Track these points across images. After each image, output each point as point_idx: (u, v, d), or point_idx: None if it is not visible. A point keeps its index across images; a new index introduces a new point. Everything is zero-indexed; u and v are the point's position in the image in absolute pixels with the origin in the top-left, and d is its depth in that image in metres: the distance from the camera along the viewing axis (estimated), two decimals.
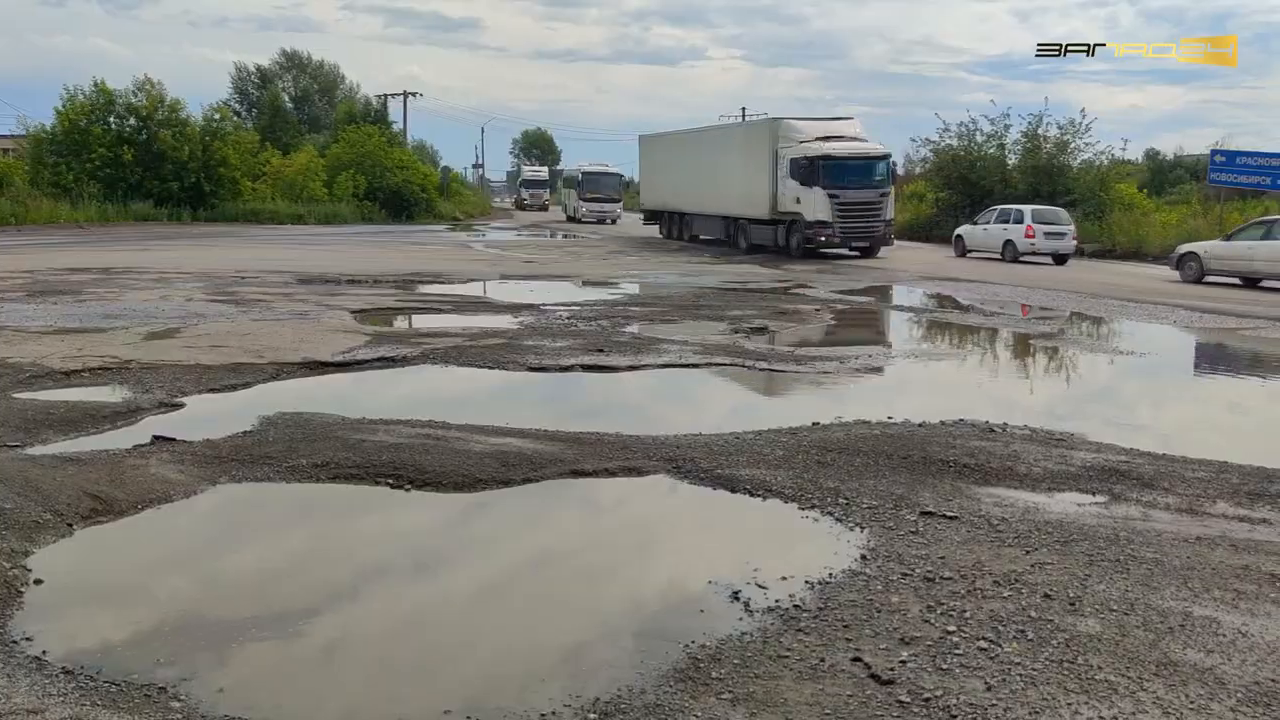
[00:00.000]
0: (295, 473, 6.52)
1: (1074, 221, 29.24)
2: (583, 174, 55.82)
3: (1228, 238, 23.33)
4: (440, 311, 15.37)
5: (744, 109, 63.48)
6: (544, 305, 15.78)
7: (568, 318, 14.24)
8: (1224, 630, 4.30)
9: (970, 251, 30.14)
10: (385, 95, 66.88)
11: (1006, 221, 28.68)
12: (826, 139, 28.07)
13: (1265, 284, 21.95)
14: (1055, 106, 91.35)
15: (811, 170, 27.24)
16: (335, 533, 5.91)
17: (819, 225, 27.40)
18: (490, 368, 10.40)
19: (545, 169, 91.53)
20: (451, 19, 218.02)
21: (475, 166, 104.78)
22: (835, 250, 28.64)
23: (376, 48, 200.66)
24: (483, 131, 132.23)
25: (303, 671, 4.16)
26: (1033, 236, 27.69)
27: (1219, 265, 22.55)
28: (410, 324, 14.40)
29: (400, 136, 62.07)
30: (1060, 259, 27.85)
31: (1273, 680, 3.85)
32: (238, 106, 70.06)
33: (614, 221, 53.54)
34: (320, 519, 6.15)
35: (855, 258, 28.33)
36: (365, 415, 7.93)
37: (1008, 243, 28.31)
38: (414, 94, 70.87)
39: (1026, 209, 28.92)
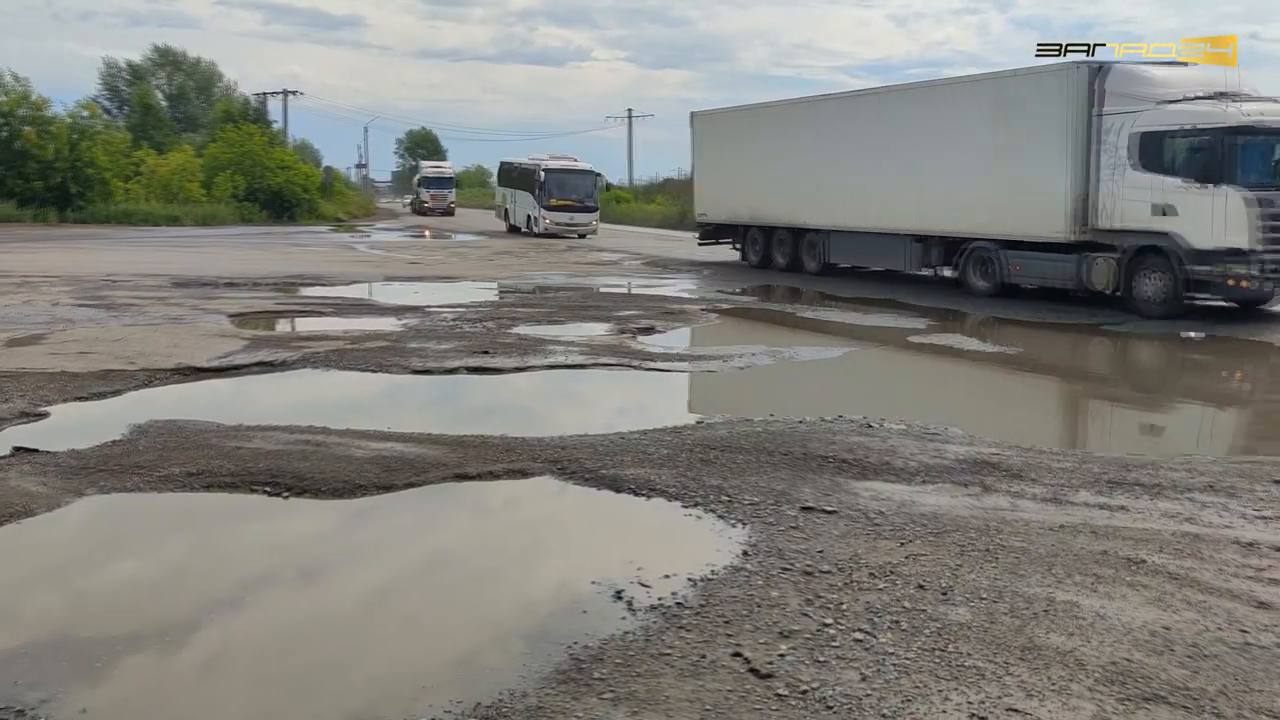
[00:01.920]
0: (167, 482, 6.32)
1: None
2: (546, 172, 39.67)
3: None
4: (322, 314, 15.08)
5: (630, 110, 63.50)
6: (429, 307, 15.59)
7: (453, 320, 14.10)
8: (1084, 613, 4.48)
9: None
10: (265, 94, 65.37)
11: None
12: (1214, 96, 15.32)
13: None
14: None
15: (1212, 154, 14.58)
16: (211, 544, 5.75)
17: (1228, 257, 14.53)
18: (373, 371, 10.24)
19: (449, 165, 76.23)
20: (333, 16, 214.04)
21: (359, 166, 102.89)
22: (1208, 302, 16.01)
23: (255, 45, 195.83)
24: (366, 131, 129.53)
25: (178, 688, 4.04)
26: None
27: None
28: (291, 327, 14.11)
29: (281, 136, 60.63)
30: None
31: (1127, 659, 4.03)
32: (108, 104, 67.62)
33: (583, 236, 39.62)
34: (195, 530, 5.96)
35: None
36: (242, 422, 7.74)
37: None
38: (295, 93, 69.09)
39: None
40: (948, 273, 19.64)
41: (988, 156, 18.00)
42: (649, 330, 13.74)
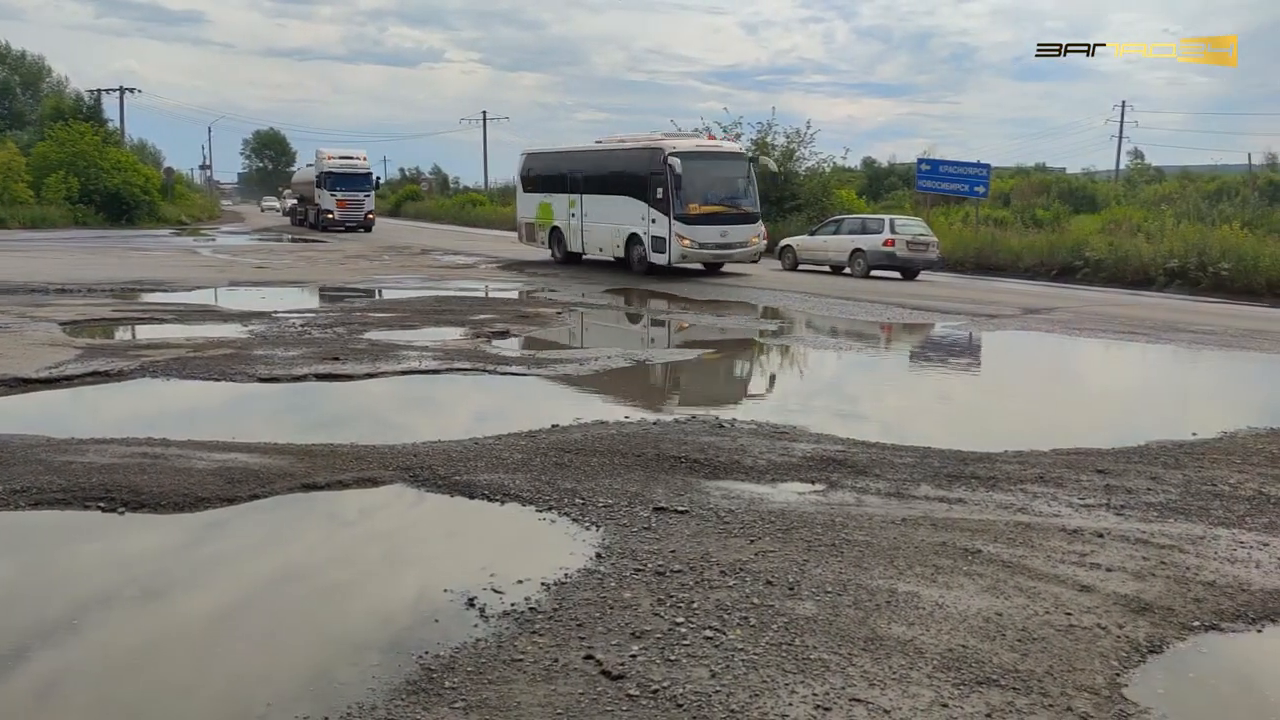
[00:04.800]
0: None
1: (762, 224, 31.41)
2: (679, 157, 22.29)
3: (811, 233, 27.48)
4: (162, 321, 14.46)
5: (485, 112, 62.97)
6: (276, 313, 15.16)
7: (302, 325, 13.74)
8: (924, 603, 4.66)
9: None
10: (99, 90, 62.20)
11: None
12: None
13: (844, 270, 25.53)
14: (782, 116, 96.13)
15: None
16: (39, 565, 5.45)
17: None
18: (216, 379, 9.89)
19: (363, 154, 47.83)
20: (172, 11, 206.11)
21: (203, 168, 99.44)
22: None
23: (87, 39, 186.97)
24: (210, 131, 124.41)
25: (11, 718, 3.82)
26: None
27: (807, 255, 26.76)
28: (129, 335, 13.49)
29: (117, 135, 57.98)
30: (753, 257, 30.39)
31: (963, 646, 4.21)
32: None
33: (715, 267, 24.24)
34: (21, 551, 5.65)
35: None
36: (74, 435, 7.38)
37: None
38: (132, 90, 65.96)
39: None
40: None
41: None
42: (504, 334, 13.66)
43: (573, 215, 26.26)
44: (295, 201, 53.81)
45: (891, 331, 15.88)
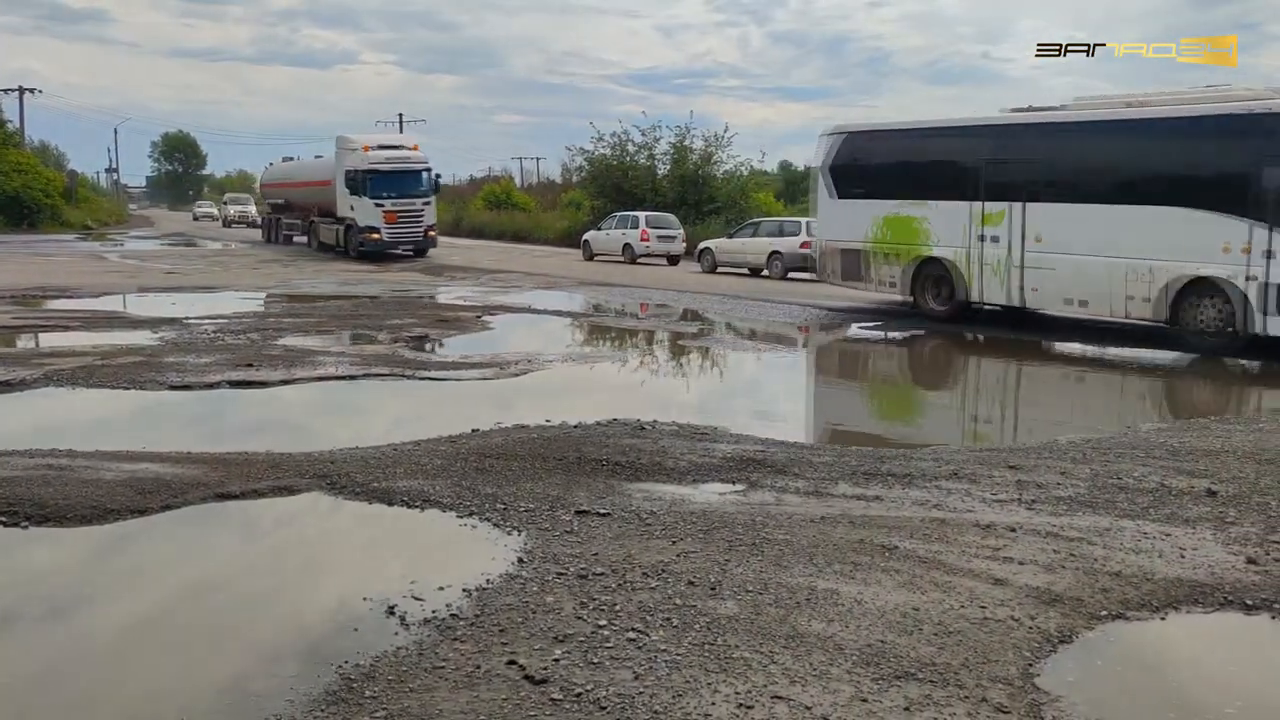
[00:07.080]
0: None
1: (682, 226, 32.02)
2: None
3: (730, 236, 28.12)
4: (68, 328, 14.07)
5: (401, 115, 62.22)
6: (188, 319, 14.84)
7: (214, 331, 13.46)
8: (843, 600, 4.72)
9: (597, 255, 32.16)
10: None
11: (626, 227, 31.44)
12: None
13: (763, 273, 25.88)
14: (699, 119, 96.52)
15: None
16: None
17: None
18: (125, 388, 9.64)
19: (412, 142, 33.92)
20: (73, 9, 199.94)
21: (109, 171, 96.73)
22: None
23: None
24: (116, 133, 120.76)
25: None
26: (648, 240, 30.61)
27: (726, 258, 27.22)
28: (32, 343, 13.09)
29: (17, 137, 56.10)
30: (673, 259, 30.55)
31: (882, 641, 4.28)
32: None
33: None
34: None
35: None
36: None
37: (626, 245, 31.05)
38: (32, 90, 63.55)
39: (642, 215, 31.73)
40: None
41: None
42: (422, 339, 13.53)
43: (992, 239, 15.63)
44: (273, 208, 39.73)
45: (808, 333, 16.06)
